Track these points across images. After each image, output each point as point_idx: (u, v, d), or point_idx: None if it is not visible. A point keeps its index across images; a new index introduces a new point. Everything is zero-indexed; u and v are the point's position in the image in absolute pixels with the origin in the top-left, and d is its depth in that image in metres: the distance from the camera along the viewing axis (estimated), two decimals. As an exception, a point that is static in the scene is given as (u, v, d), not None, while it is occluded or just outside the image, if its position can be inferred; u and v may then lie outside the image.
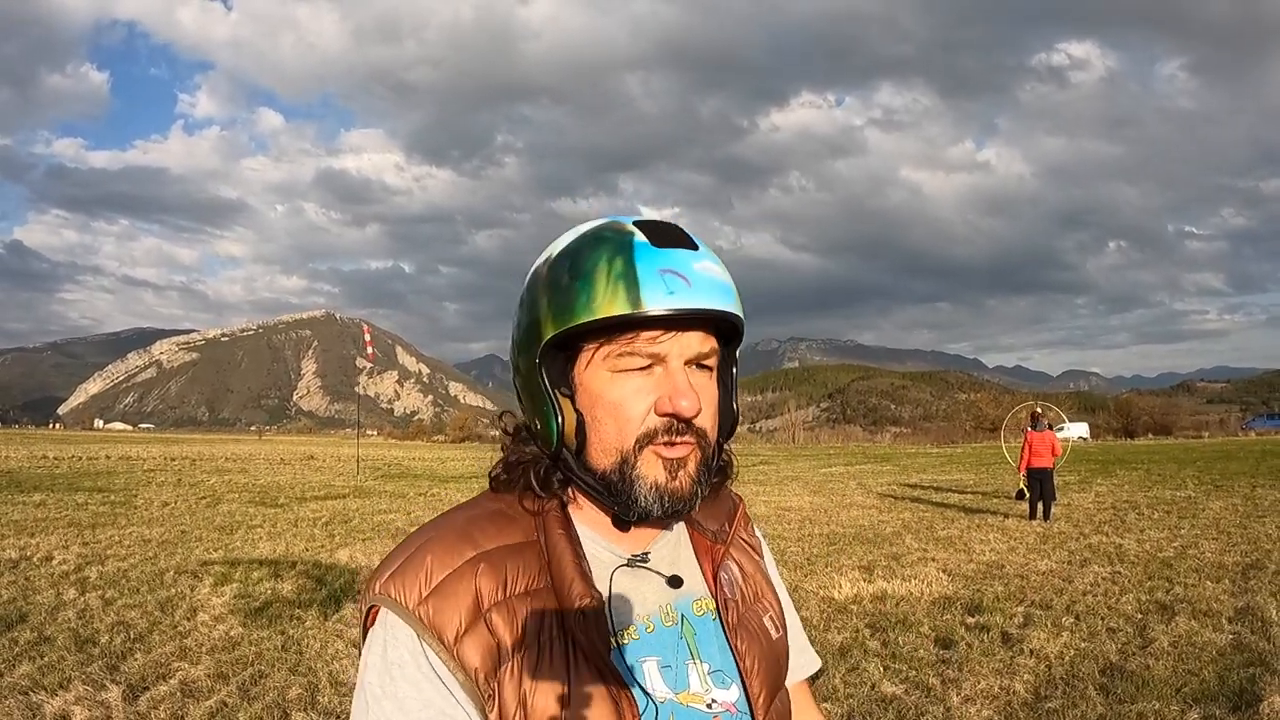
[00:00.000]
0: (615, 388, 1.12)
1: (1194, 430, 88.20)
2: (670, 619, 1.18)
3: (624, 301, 1.07)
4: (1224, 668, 6.49)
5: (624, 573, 1.18)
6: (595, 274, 1.09)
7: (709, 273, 1.11)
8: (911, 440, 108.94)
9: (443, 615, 1.07)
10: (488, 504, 1.22)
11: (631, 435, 1.11)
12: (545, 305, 1.13)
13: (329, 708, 5.87)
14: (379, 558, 11.58)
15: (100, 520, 16.00)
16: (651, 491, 1.11)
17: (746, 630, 1.23)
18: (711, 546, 1.28)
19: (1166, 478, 25.85)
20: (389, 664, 1.08)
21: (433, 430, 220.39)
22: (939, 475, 31.43)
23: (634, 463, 1.11)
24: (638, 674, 1.12)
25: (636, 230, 1.13)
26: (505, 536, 1.15)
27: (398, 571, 1.12)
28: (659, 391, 1.11)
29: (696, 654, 1.18)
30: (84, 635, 7.50)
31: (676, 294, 1.07)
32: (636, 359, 1.11)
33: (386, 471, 37.16)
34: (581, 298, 1.09)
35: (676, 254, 1.10)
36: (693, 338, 1.12)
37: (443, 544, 1.14)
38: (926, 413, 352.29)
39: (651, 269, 1.08)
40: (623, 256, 1.09)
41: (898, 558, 11.99)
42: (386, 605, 1.11)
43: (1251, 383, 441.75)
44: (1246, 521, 14.69)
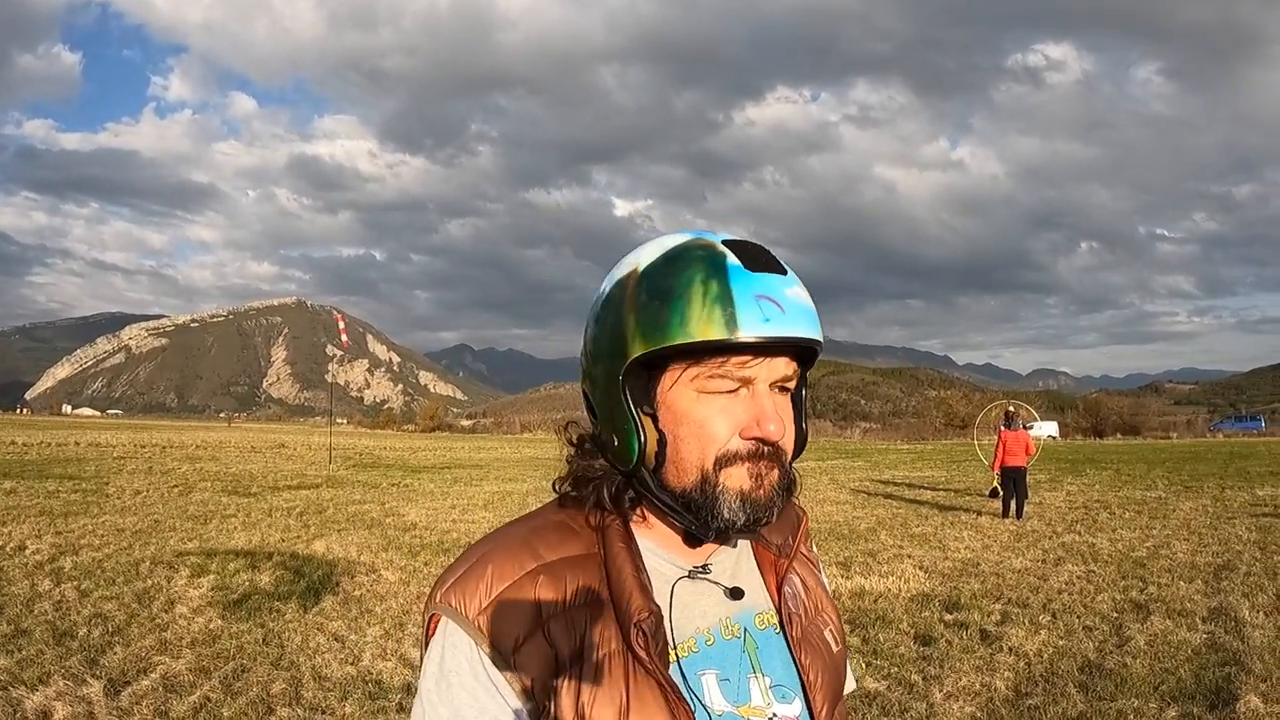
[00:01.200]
0: (701, 408, 1.11)
1: (1162, 431, 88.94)
2: (730, 632, 1.18)
3: (720, 326, 1.06)
4: (1200, 666, 6.59)
5: (684, 585, 1.18)
6: (690, 294, 1.08)
7: (800, 300, 1.11)
8: (882, 436, 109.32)
9: (501, 625, 1.08)
10: (551, 515, 1.22)
11: (713, 455, 1.11)
12: (633, 322, 1.11)
13: (314, 702, 5.84)
14: (355, 549, 11.59)
15: (73, 509, 15.84)
16: (736, 499, 1.11)
17: (810, 644, 1.23)
18: (775, 560, 1.28)
19: (1136, 478, 26.09)
20: (445, 672, 1.09)
21: (403, 419, 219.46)
22: (911, 472, 31.60)
23: (715, 480, 1.11)
24: (696, 687, 1.11)
25: (728, 251, 1.12)
26: (567, 548, 1.16)
27: (459, 581, 1.13)
28: (744, 413, 1.11)
29: (759, 668, 1.18)
30: (62, 628, 7.42)
31: (772, 321, 1.07)
32: (726, 382, 1.10)
33: (358, 461, 37.02)
34: (675, 318, 1.08)
35: (770, 279, 1.10)
36: (779, 363, 1.12)
37: (504, 554, 1.14)
38: (896, 409, 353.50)
39: (748, 294, 1.07)
40: (718, 279, 1.08)
41: (874, 554, 12.05)
42: (447, 614, 1.11)
43: (1219, 385, 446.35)
44: (1217, 523, 14.86)
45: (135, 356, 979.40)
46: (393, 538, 13.38)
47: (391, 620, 8.01)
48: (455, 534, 13.94)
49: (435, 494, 21.68)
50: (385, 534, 13.83)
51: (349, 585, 9.47)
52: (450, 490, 22.93)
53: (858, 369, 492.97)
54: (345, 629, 7.67)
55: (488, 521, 15.84)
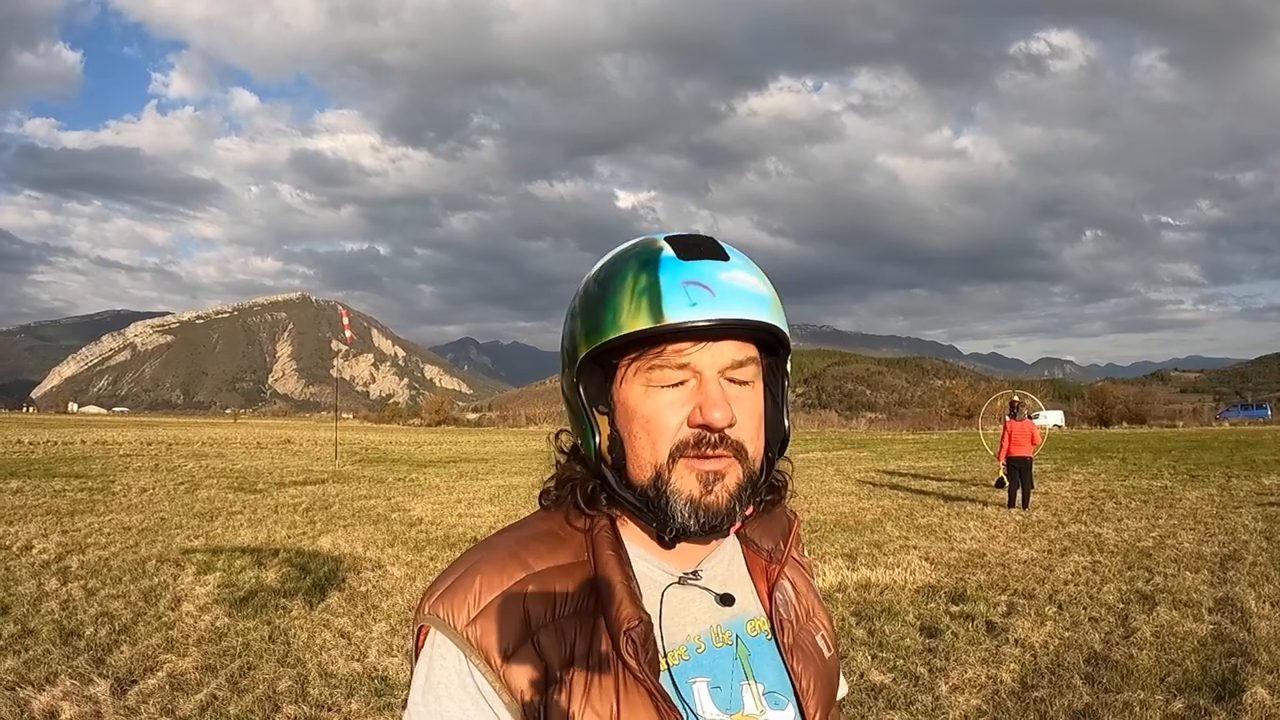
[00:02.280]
0: (648, 402, 1.12)
1: (1168, 419, 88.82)
2: (721, 639, 1.17)
3: (647, 315, 1.07)
4: (1206, 658, 6.57)
5: (674, 592, 1.17)
6: (622, 289, 1.10)
7: (737, 282, 1.10)
8: (887, 426, 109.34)
9: (490, 636, 1.08)
10: (538, 524, 1.22)
11: (665, 449, 1.11)
12: (579, 325, 1.15)
13: (320, 700, 5.85)
14: (361, 545, 11.59)
15: (79, 507, 15.87)
16: (686, 506, 1.11)
17: (802, 650, 1.22)
18: (766, 565, 1.27)
19: (1142, 467, 26.03)
20: (433, 684, 1.09)
21: (408, 414, 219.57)
22: (916, 462, 31.56)
23: (668, 477, 1.11)
24: (687, 696, 1.11)
25: (665, 245, 1.13)
26: (555, 557, 1.15)
27: (447, 592, 1.13)
28: (692, 403, 1.11)
29: (751, 675, 1.17)
30: (68, 627, 7.43)
31: (699, 305, 1.07)
32: (668, 372, 1.11)
33: (364, 456, 37.09)
34: (609, 314, 1.10)
35: (702, 265, 1.10)
36: (725, 348, 1.11)
37: (492, 565, 1.14)
38: (902, 399, 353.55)
39: (675, 281, 1.08)
40: (647, 271, 1.10)
41: (880, 545, 12.04)
42: (435, 625, 1.11)
43: (1225, 373, 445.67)
44: (1223, 512, 14.82)
45: (141, 354, 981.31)
46: (399, 533, 13.38)
47: (398, 616, 8.01)
48: (461, 529, 13.94)
49: (441, 488, 21.71)
50: (391, 529, 13.84)
51: (355, 581, 9.48)
52: (456, 484, 22.95)
53: (863, 359, 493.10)
54: (351, 625, 7.68)
55: (494, 516, 15.86)
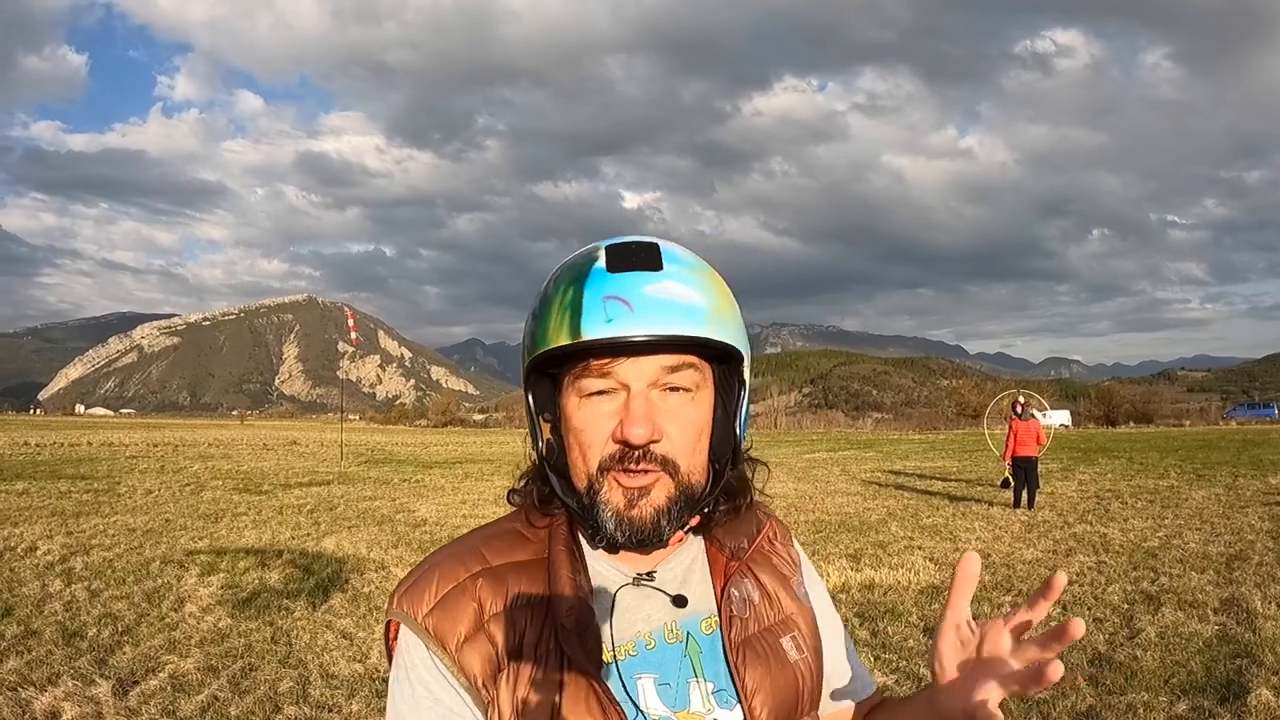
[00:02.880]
0: (580, 414, 1.14)
1: (1175, 419, 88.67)
2: (674, 636, 1.18)
3: (567, 332, 1.09)
4: (1211, 659, 6.54)
5: (629, 590, 1.19)
6: (551, 304, 1.12)
7: (663, 294, 1.09)
8: (894, 426, 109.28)
9: (445, 625, 1.14)
10: (506, 523, 1.27)
11: (595, 460, 1.12)
12: (526, 336, 1.17)
13: (321, 701, 5.85)
14: (365, 546, 11.60)
15: (84, 509, 15.91)
16: (613, 518, 1.12)
17: (752, 649, 1.20)
18: (727, 563, 1.27)
19: (1148, 466, 25.97)
20: (405, 670, 1.16)
21: (415, 415, 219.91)
22: (922, 462, 31.52)
23: (599, 488, 1.13)
24: (632, 690, 1.13)
25: (601, 255, 1.13)
26: (514, 554, 1.20)
27: (409, 588, 1.19)
28: (616, 415, 1.11)
29: (700, 672, 1.17)
30: (71, 628, 7.45)
31: (615, 321, 1.07)
32: (592, 381, 1.12)
33: (370, 457, 37.10)
34: (541, 329, 1.13)
35: (627, 278, 1.09)
36: (650, 362, 1.11)
37: (451, 560, 1.21)
38: (908, 399, 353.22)
39: (596, 296, 1.08)
40: (575, 285, 1.11)
41: (884, 546, 12.03)
42: (400, 619, 1.18)
43: (1232, 372, 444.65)
44: (1229, 512, 14.77)
45: (147, 355, 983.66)
46: (403, 534, 13.40)
47: (400, 618, 8.00)
48: (466, 530, 13.82)
49: (446, 489, 21.74)
50: (396, 530, 13.86)
51: (358, 582, 9.49)
52: (461, 486, 22.97)
53: (869, 359, 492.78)
54: (353, 626, 7.68)
55: (499, 517, 15.82)
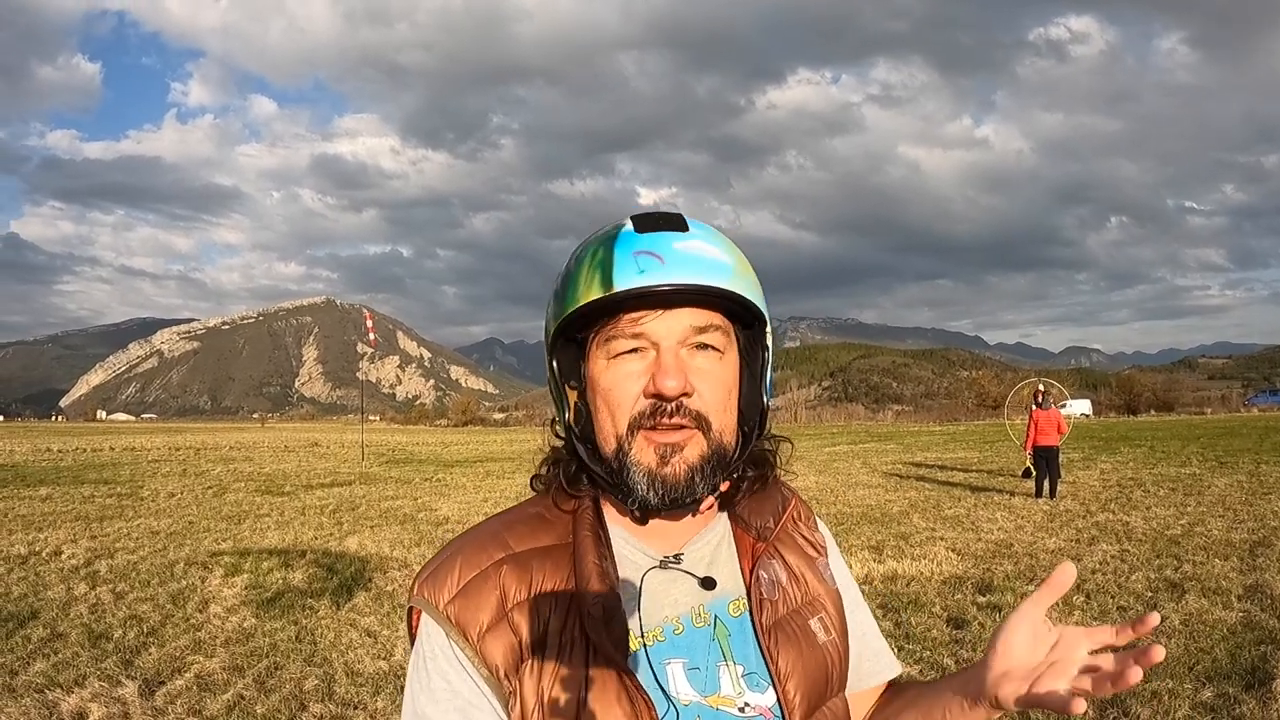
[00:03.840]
0: (608, 374, 1.13)
1: (1196, 406, 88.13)
2: (702, 620, 1.17)
3: (598, 286, 1.09)
4: (1235, 646, 6.51)
5: (655, 574, 1.18)
6: (581, 266, 1.13)
7: (693, 250, 1.11)
8: (914, 418, 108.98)
9: (467, 614, 1.12)
10: (528, 508, 1.25)
11: (624, 419, 1.12)
12: (552, 304, 1.18)
13: (346, 699, 5.88)
14: (388, 545, 11.64)
15: (107, 513, 16.00)
16: (645, 478, 1.11)
17: (784, 632, 1.19)
18: (754, 544, 1.26)
19: (1170, 454, 25.83)
20: (424, 659, 1.15)
21: (435, 414, 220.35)
22: (943, 453, 31.43)
23: (629, 449, 1.12)
24: (661, 676, 1.11)
25: (628, 221, 1.15)
26: (538, 539, 1.19)
27: (431, 575, 1.17)
28: (647, 371, 1.12)
29: (730, 656, 1.16)
30: (97, 630, 7.51)
31: (648, 272, 1.08)
32: (623, 341, 1.12)
33: (391, 457, 37.22)
34: (571, 290, 1.13)
35: (657, 236, 1.11)
36: (682, 315, 1.11)
37: (473, 546, 1.19)
38: (928, 390, 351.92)
39: (627, 252, 1.10)
40: (604, 246, 1.12)
41: (906, 537, 12.00)
42: (421, 606, 1.17)
43: (1253, 358, 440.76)
44: (1252, 499, 14.69)
45: (167, 360, 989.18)
46: (425, 533, 13.43)
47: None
48: (487, 528, 13.94)
49: (468, 488, 21.79)
50: (418, 529, 13.89)
51: (381, 581, 9.53)
52: (483, 484, 23.01)
53: (889, 351, 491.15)
54: (377, 624, 7.71)
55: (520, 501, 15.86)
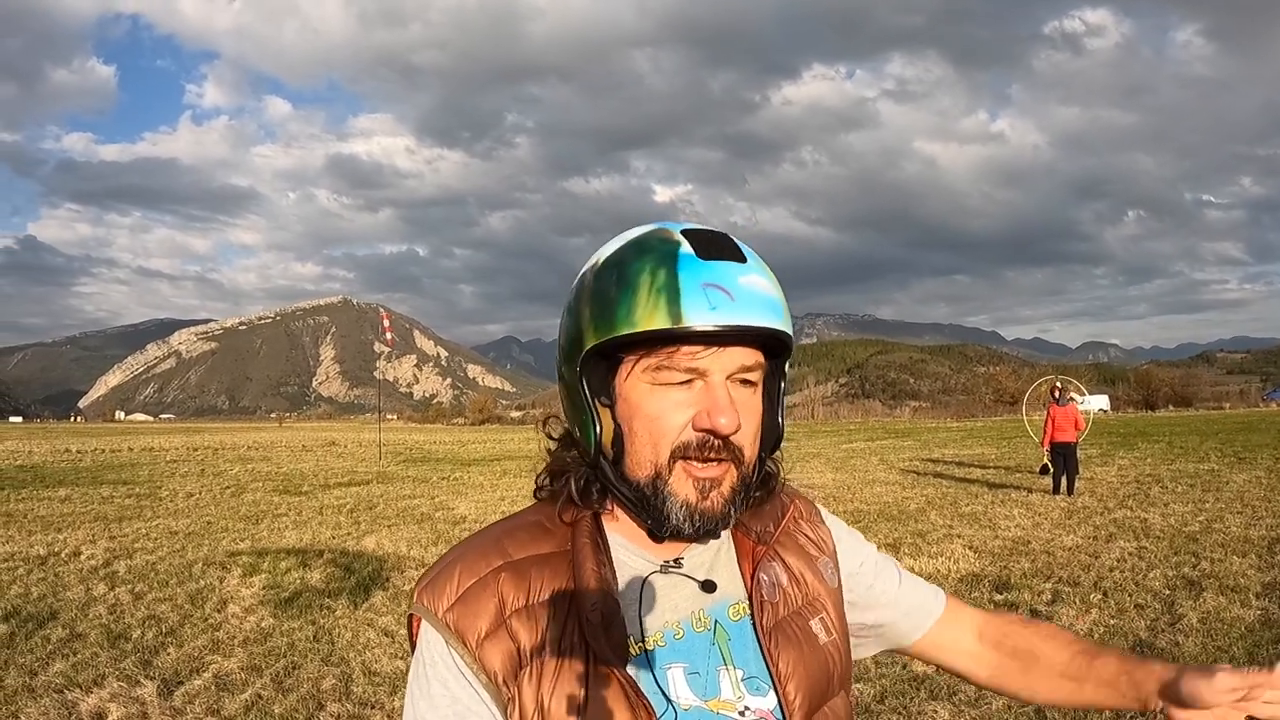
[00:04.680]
0: (654, 400, 1.11)
1: (1214, 402, 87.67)
2: (702, 625, 1.17)
3: (665, 315, 1.05)
4: (1253, 644, 6.48)
5: (655, 579, 1.18)
6: (638, 285, 1.08)
7: (755, 287, 1.09)
8: (931, 414, 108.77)
9: (466, 620, 1.11)
10: (528, 516, 1.24)
11: (666, 449, 1.10)
12: (588, 315, 1.12)
13: (363, 698, 5.90)
14: (406, 544, 11.66)
15: (126, 513, 16.08)
16: (682, 510, 1.11)
17: (784, 634, 1.19)
18: (754, 548, 1.25)
19: (1188, 450, 25.70)
20: (424, 666, 1.13)
21: (452, 413, 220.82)
22: (960, 450, 31.35)
23: (667, 478, 1.11)
24: (662, 681, 1.11)
25: (683, 240, 1.10)
26: (537, 547, 1.17)
27: (431, 582, 1.16)
28: (698, 406, 1.10)
29: (730, 660, 1.16)
30: (116, 631, 7.54)
31: (719, 309, 1.05)
32: (676, 373, 1.09)
33: (409, 456, 37.31)
34: (623, 309, 1.08)
35: (722, 266, 1.08)
36: (735, 353, 1.10)
37: (473, 554, 1.17)
38: (946, 386, 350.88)
39: (694, 282, 1.06)
40: (666, 268, 1.07)
41: (923, 535, 11.98)
42: (421, 613, 1.15)
43: (1271, 353, 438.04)
44: (1271, 495, 14.60)
45: (185, 361, 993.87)
46: (443, 531, 13.47)
47: (440, 615, 8.05)
48: (503, 527, 13.95)
49: (485, 486, 21.82)
50: (435, 528, 13.93)
51: (399, 580, 9.55)
52: (500, 483, 23.02)
53: (906, 347, 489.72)
54: (395, 624, 7.73)
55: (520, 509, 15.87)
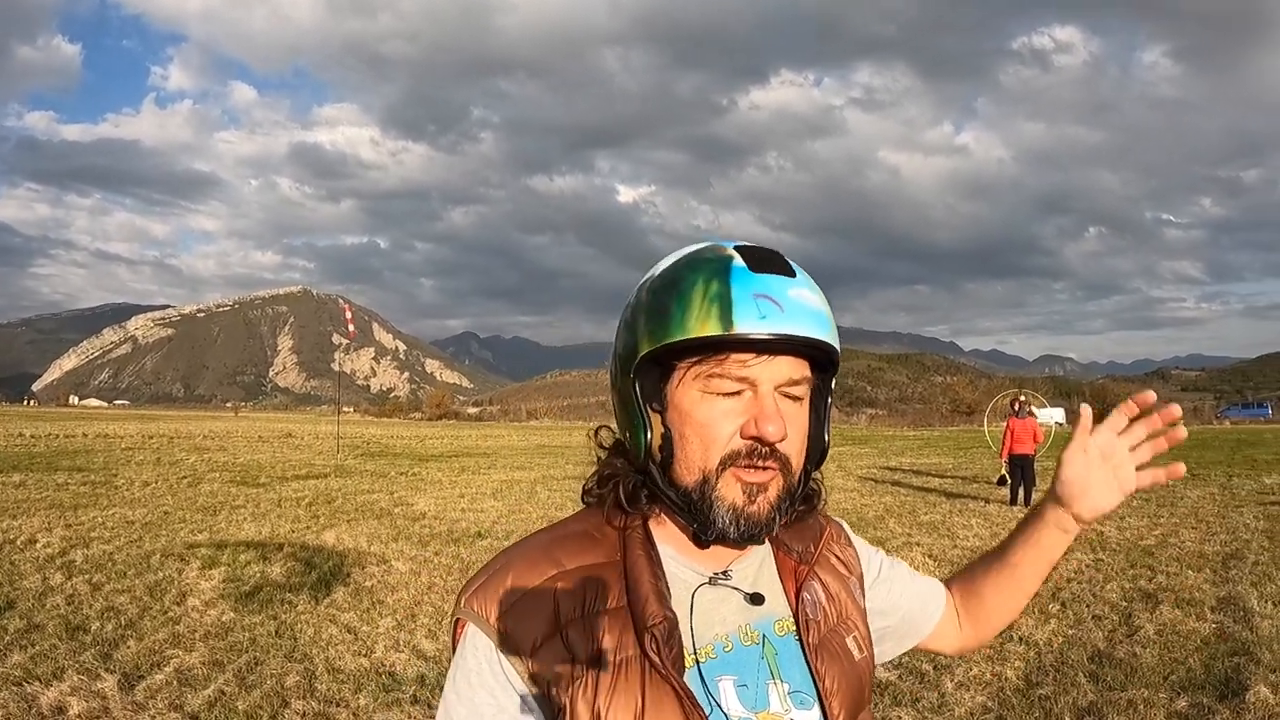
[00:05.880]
0: (704, 408, 1.14)
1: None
2: (750, 638, 1.20)
3: (717, 323, 1.09)
4: (1209, 656, 6.58)
5: (704, 591, 1.20)
6: (691, 294, 1.12)
7: (804, 300, 1.13)
8: (888, 423, 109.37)
9: (520, 629, 1.13)
10: (574, 524, 1.26)
11: (716, 455, 1.14)
12: (643, 325, 1.16)
13: (328, 695, 5.86)
14: (366, 539, 11.60)
15: (82, 501, 15.87)
16: (729, 513, 1.13)
17: (828, 651, 1.24)
18: (796, 566, 1.30)
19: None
20: (467, 673, 1.14)
21: (409, 407, 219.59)
22: (918, 459, 31.59)
23: (715, 483, 1.14)
24: (714, 693, 1.13)
25: (735, 254, 1.15)
26: (588, 556, 1.19)
27: (481, 587, 1.17)
28: (747, 415, 1.13)
29: (778, 674, 1.19)
30: (74, 622, 7.44)
31: (769, 319, 1.09)
32: (726, 381, 1.13)
33: (366, 450, 37.08)
34: (677, 316, 1.12)
35: (772, 279, 1.13)
36: (784, 363, 1.14)
37: (525, 561, 1.19)
38: (903, 395, 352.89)
39: (746, 292, 1.10)
40: (719, 279, 1.12)
41: (882, 543, 12.03)
42: (470, 619, 1.16)
43: (1226, 371, 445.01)
44: (1225, 511, 14.87)
45: (141, 347, 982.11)
46: (402, 527, 13.39)
47: (403, 611, 8.03)
48: (465, 523, 13.97)
49: (444, 483, 21.72)
50: (395, 524, 13.85)
51: (360, 576, 9.50)
52: (459, 479, 22.96)
53: (864, 355, 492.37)
54: (357, 620, 7.70)
55: (497, 510, 15.90)
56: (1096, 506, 1.40)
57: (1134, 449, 1.40)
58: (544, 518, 14.88)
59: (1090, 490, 1.39)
